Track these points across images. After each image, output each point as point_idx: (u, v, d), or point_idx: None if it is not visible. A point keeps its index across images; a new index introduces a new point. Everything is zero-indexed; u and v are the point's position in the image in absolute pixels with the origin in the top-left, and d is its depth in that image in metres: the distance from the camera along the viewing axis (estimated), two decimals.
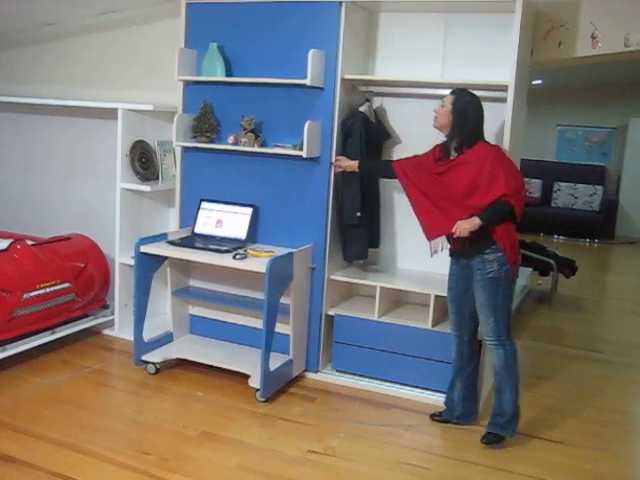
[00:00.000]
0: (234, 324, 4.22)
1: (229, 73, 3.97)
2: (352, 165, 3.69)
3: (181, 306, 4.28)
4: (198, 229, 4.09)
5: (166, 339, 4.17)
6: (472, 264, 3.24)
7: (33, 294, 3.92)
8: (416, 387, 3.83)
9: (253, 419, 3.50)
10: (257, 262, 3.61)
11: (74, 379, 3.81)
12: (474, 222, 3.10)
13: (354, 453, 3.21)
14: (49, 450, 3.06)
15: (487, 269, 3.18)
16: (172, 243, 3.89)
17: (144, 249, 3.82)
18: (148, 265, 3.91)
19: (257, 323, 4.01)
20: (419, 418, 3.62)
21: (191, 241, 3.95)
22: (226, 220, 4.03)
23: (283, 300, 3.70)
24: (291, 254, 3.71)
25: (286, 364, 3.83)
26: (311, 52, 3.60)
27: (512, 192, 3.09)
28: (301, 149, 3.71)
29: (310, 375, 4.04)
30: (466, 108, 3.15)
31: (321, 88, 3.77)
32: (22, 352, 3.94)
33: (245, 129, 3.89)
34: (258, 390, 3.65)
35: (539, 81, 8.66)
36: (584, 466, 3.22)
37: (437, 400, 3.74)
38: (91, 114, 4.67)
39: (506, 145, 3.44)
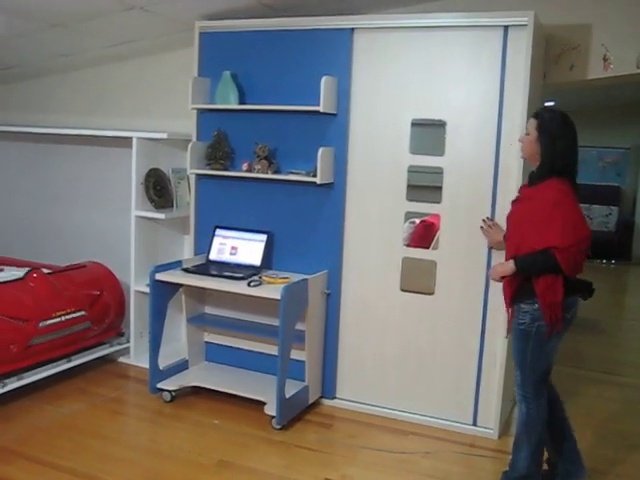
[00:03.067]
0: (249, 351, 4.20)
1: (242, 101, 4.00)
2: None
3: (196, 333, 4.28)
4: (213, 256, 4.10)
5: (181, 367, 4.16)
6: (513, 310, 3.00)
7: (49, 322, 3.93)
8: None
9: (269, 447, 3.47)
10: (272, 289, 3.61)
11: (89, 408, 3.81)
12: (507, 267, 2.89)
13: None
14: (63, 479, 3.05)
15: (520, 319, 2.92)
16: (187, 270, 3.90)
17: (159, 277, 3.84)
18: (163, 293, 3.92)
19: (272, 350, 4.00)
20: (437, 445, 3.57)
21: (206, 268, 3.95)
22: (241, 247, 4.04)
23: (298, 326, 3.69)
24: (306, 280, 3.70)
25: (302, 391, 3.81)
26: (324, 79, 3.63)
27: (564, 246, 2.77)
28: (315, 175, 3.72)
29: (326, 402, 4.01)
30: (554, 132, 2.84)
31: (334, 114, 3.79)
32: (38, 381, 3.94)
33: (259, 156, 3.91)
34: (274, 417, 3.62)
35: (552, 103, 8.66)
36: None
37: (454, 426, 3.71)
38: (105, 143, 4.72)
39: (520, 168, 3.43)
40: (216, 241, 4.12)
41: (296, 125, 3.90)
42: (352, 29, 3.71)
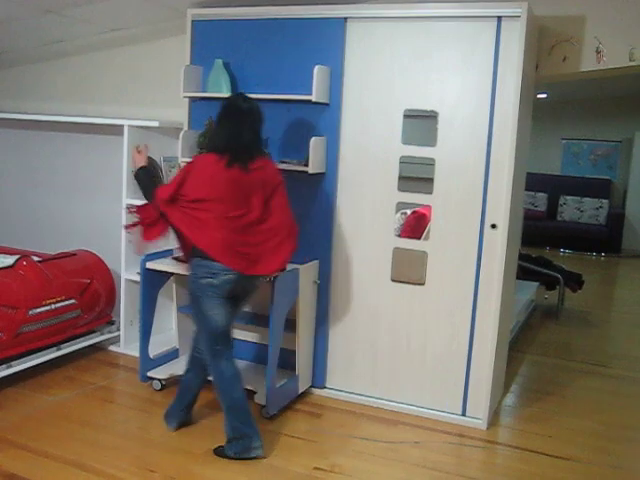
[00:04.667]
0: (238, 339, 4.17)
1: (234, 89, 3.98)
2: None
3: (187, 322, 4.26)
4: None
5: (172, 355, 4.16)
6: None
7: (39, 310, 3.92)
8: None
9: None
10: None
11: (79, 396, 3.80)
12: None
13: (360, 470, 3.18)
14: (54, 468, 3.05)
15: (191, 276, 3.22)
16: (178, 259, 3.89)
17: (150, 265, 3.82)
18: (154, 281, 3.91)
19: (260, 338, 4.03)
20: (426, 434, 3.60)
21: None
22: None
23: (289, 316, 3.69)
24: (297, 270, 3.70)
25: (292, 380, 3.82)
26: (316, 68, 3.62)
27: (163, 198, 3.05)
28: (307, 165, 3.72)
29: (316, 391, 4.02)
30: (218, 116, 3.20)
31: (326, 104, 3.78)
32: (27, 369, 3.93)
33: None
34: (264, 407, 3.63)
35: (544, 95, 8.67)
36: None
37: (443, 416, 3.74)
38: (97, 130, 4.69)
39: (512, 159, 3.44)
40: None
41: (288, 114, 3.89)
42: (345, 18, 3.70)
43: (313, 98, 3.64)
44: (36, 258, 4.24)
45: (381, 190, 3.78)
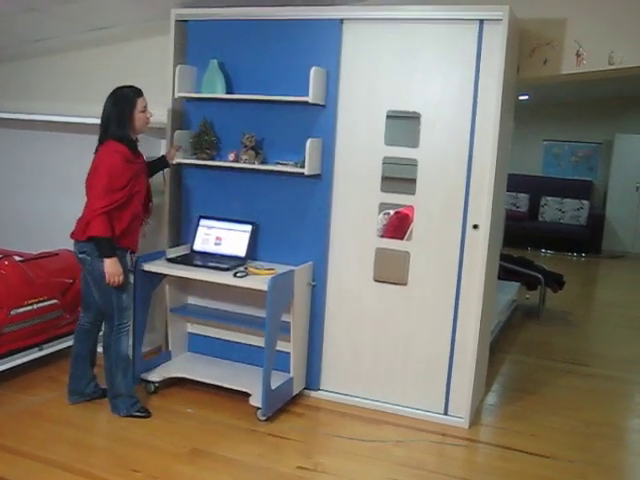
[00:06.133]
0: (231, 342, 4.17)
1: (229, 90, 3.94)
2: None
3: (179, 324, 4.24)
4: (197, 246, 4.05)
5: (164, 357, 4.13)
6: None
7: (20, 310, 3.90)
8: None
9: (244, 436, 3.49)
10: (258, 280, 3.58)
11: (62, 396, 3.77)
12: None
13: (344, 469, 3.20)
14: (36, 469, 3.03)
15: None
16: (172, 261, 3.85)
17: (145, 267, 3.77)
18: (148, 283, 3.85)
19: (255, 341, 4.00)
20: (409, 433, 3.62)
21: (190, 259, 3.90)
22: (225, 237, 3.99)
23: (283, 318, 3.67)
24: (292, 271, 3.67)
25: (287, 382, 3.79)
26: (313, 69, 3.60)
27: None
28: (302, 166, 3.69)
29: (304, 392, 4.02)
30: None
31: (322, 105, 3.77)
32: (9, 369, 3.90)
33: (246, 146, 3.86)
34: (259, 409, 3.60)
35: (526, 97, 8.74)
36: None
37: (426, 415, 3.77)
38: (81, 130, 4.65)
39: (494, 160, 3.48)
40: (200, 231, 4.06)
41: (284, 116, 3.86)
42: (341, 20, 3.69)
43: (310, 99, 3.62)
44: (18, 258, 4.21)
45: (365, 191, 3.80)
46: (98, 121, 3.56)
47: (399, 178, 3.75)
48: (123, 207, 3.40)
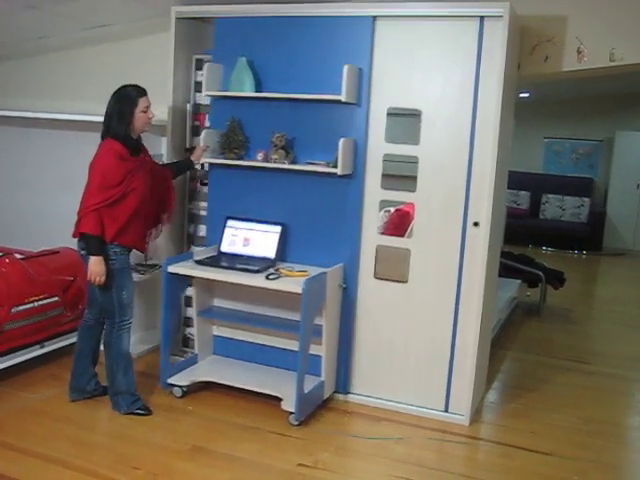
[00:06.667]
0: (257, 344, 4.08)
1: (258, 88, 3.87)
2: None
3: (205, 326, 4.15)
4: (224, 248, 3.97)
5: (191, 361, 4.06)
6: None
7: (21, 308, 3.90)
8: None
9: (244, 433, 3.49)
10: (292, 282, 3.51)
11: (63, 394, 3.78)
12: None
13: (344, 466, 3.21)
14: (37, 466, 3.04)
15: None
16: (200, 263, 3.76)
17: (172, 269, 3.70)
18: (176, 285, 3.80)
19: (283, 344, 3.96)
20: (409, 431, 3.62)
21: (219, 260, 3.82)
22: (253, 238, 3.91)
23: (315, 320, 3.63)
24: (325, 273, 3.61)
25: (318, 386, 3.74)
26: (346, 67, 3.53)
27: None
28: (334, 166, 3.63)
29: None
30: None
31: (355, 104, 3.71)
32: (10, 367, 3.91)
33: (276, 145, 3.79)
34: (292, 413, 3.56)
35: (526, 94, 8.74)
36: (572, 478, 3.22)
37: (426, 412, 3.77)
38: (82, 127, 4.66)
39: (494, 157, 3.47)
40: (227, 232, 3.98)
41: (313, 114, 3.79)
42: (374, 17, 3.62)
43: (343, 98, 3.55)
44: (19, 255, 4.21)
45: (368, 188, 3.79)
46: (99, 119, 3.56)
47: (400, 175, 3.75)
48: (117, 204, 3.38)
